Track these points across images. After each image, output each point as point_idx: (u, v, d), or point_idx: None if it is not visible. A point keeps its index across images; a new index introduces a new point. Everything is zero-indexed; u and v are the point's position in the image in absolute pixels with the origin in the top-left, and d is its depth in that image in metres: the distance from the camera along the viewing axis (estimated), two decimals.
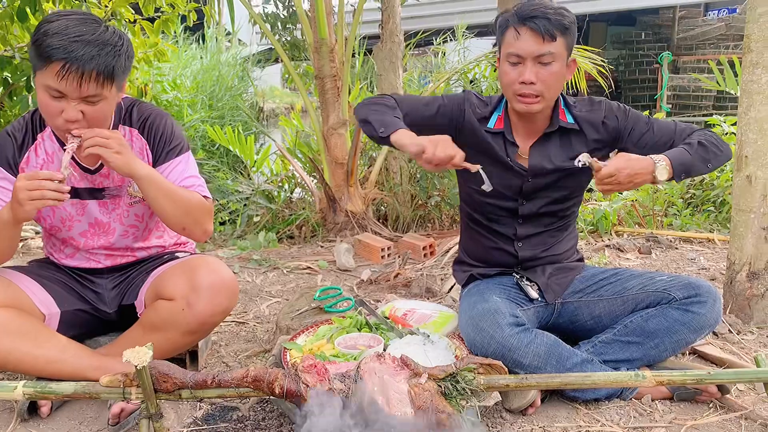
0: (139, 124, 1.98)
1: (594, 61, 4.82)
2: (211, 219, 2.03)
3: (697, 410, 1.90)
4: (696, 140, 1.94)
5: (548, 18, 1.90)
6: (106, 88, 1.74)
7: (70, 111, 1.72)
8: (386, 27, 4.73)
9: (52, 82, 1.68)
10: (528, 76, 1.93)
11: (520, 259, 2.16)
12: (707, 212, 4.57)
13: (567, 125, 2.07)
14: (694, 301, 1.95)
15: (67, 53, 1.65)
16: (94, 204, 1.99)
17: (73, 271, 2.09)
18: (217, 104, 7.56)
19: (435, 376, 1.52)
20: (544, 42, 1.91)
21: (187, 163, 2.02)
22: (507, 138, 2.09)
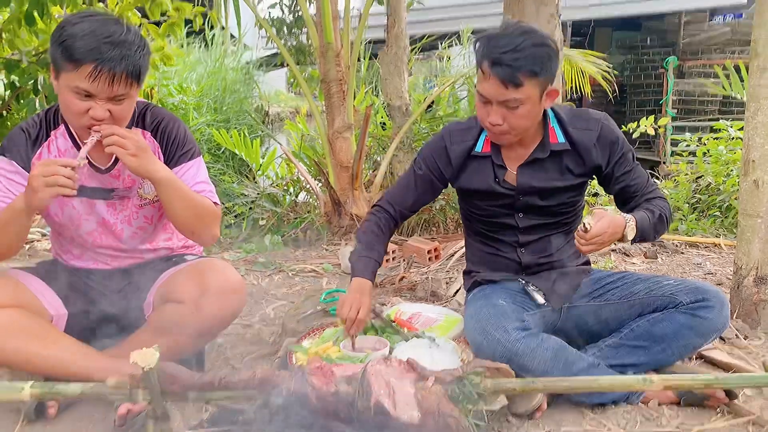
0: (152, 128, 1.99)
1: (599, 66, 4.83)
2: (219, 224, 2.04)
3: (704, 415, 1.89)
4: (658, 211, 1.97)
5: (511, 66, 1.80)
6: (133, 88, 1.77)
7: (98, 110, 1.73)
8: (392, 31, 4.74)
9: (83, 84, 1.69)
10: (493, 118, 1.90)
11: (524, 265, 2.15)
12: (713, 217, 4.56)
13: (557, 147, 2.04)
14: (702, 306, 1.94)
15: (99, 55, 1.67)
16: (102, 204, 1.99)
17: (80, 273, 2.09)
18: (222, 108, 7.57)
19: (442, 379, 1.52)
20: (508, 89, 1.84)
21: (199, 168, 2.03)
22: (495, 161, 2.07)
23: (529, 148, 2.05)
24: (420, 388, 1.50)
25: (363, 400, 1.47)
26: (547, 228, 2.12)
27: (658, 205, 2.00)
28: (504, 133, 1.95)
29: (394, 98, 4.76)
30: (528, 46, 1.83)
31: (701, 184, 4.96)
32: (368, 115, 4.34)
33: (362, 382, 1.50)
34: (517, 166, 2.07)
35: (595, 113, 2.09)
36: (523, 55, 1.81)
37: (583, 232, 1.80)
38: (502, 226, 2.14)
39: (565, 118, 2.06)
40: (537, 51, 1.83)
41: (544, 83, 1.89)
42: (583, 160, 2.05)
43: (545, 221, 2.11)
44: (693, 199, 4.88)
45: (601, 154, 2.05)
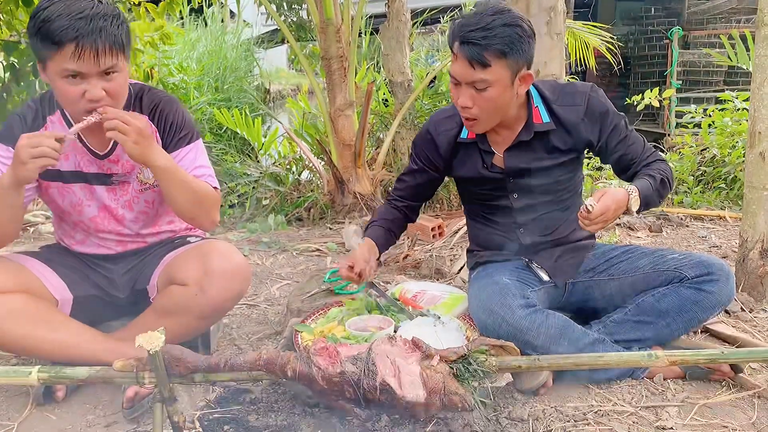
0: (149, 111, 1.96)
1: (602, 38, 4.78)
2: (218, 209, 2.03)
3: (709, 389, 1.90)
4: (659, 175, 1.93)
5: (480, 44, 1.76)
6: (120, 60, 1.73)
7: (92, 90, 1.71)
8: (392, 6, 4.69)
9: (69, 64, 1.67)
10: (462, 100, 1.86)
11: (524, 245, 2.13)
12: (718, 189, 4.54)
13: (542, 128, 1.99)
14: (707, 280, 1.93)
15: (76, 32, 1.64)
16: (102, 189, 1.98)
17: (84, 257, 2.09)
18: (223, 87, 7.53)
19: (447, 358, 1.52)
20: (475, 70, 1.79)
21: (198, 151, 2.01)
22: (481, 147, 2.05)
23: (515, 130, 2.01)
24: (425, 366, 1.50)
25: (368, 379, 1.47)
26: (543, 206, 2.09)
27: (659, 169, 1.96)
28: (473, 120, 1.90)
29: (396, 74, 4.72)
30: (497, 26, 1.78)
31: (706, 156, 4.93)
32: (370, 92, 4.30)
33: (367, 362, 1.50)
34: (503, 149, 2.04)
35: (582, 86, 2.03)
36: (491, 34, 1.76)
37: (586, 213, 1.77)
38: (498, 208, 2.13)
39: (550, 96, 2.00)
40: (506, 30, 1.78)
41: (515, 66, 1.82)
42: (572, 136, 2.01)
43: (541, 200, 2.08)
44: (698, 172, 4.85)
45: (591, 127, 2.00)
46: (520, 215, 2.11)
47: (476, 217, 2.23)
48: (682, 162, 4.96)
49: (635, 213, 1.88)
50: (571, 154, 2.05)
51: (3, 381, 1.60)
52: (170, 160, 1.85)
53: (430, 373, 1.49)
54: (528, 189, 2.06)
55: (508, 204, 2.10)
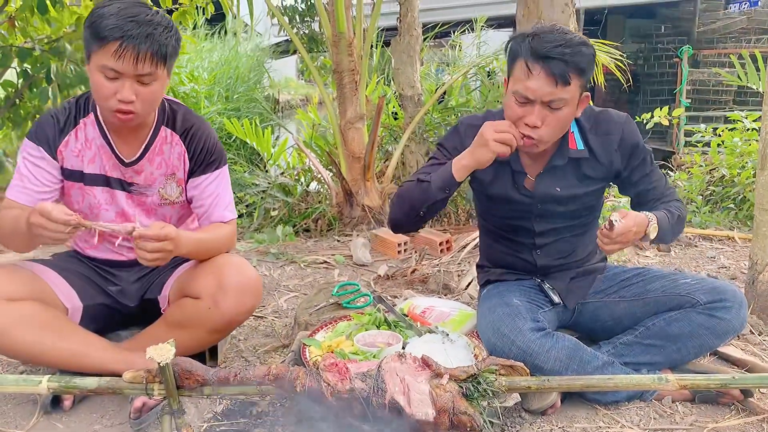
0: (182, 132, 2.01)
1: (612, 55, 4.77)
2: (235, 237, 2.12)
3: (718, 412, 1.88)
4: (677, 213, 1.94)
5: (565, 60, 1.73)
6: (159, 68, 1.79)
7: (125, 91, 1.76)
8: (404, 20, 4.71)
9: (109, 62, 1.73)
10: (533, 120, 1.79)
11: (539, 266, 2.12)
12: (727, 209, 4.52)
13: (576, 154, 1.97)
14: (719, 306, 1.92)
15: (123, 32, 1.71)
16: (123, 195, 2.01)
17: (96, 265, 2.10)
18: (233, 96, 7.57)
19: (456, 377, 1.52)
20: (557, 87, 1.75)
21: (222, 178, 2.08)
22: (514, 167, 2.01)
23: (548, 154, 1.99)
24: (435, 385, 1.50)
25: (378, 397, 1.47)
26: (563, 230, 2.07)
27: (676, 206, 1.97)
28: (535, 140, 1.83)
29: (406, 88, 4.73)
30: (576, 44, 1.76)
31: (715, 175, 4.91)
32: (381, 106, 4.32)
33: (377, 380, 1.50)
34: (535, 173, 2.01)
35: (617, 115, 2.01)
36: (573, 52, 1.74)
37: (608, 231, 1.75)
38: (517, 229, 2.10)
39: (586, 124, 1.99)
40: (584, 49, 1.77)
41: (583, 86, 1.82)
42: (603, 166, 1.99)
43: (562, 225, 2.06)
44: (707, 191, 4.83)
45: (621, 158, 1.99)
46: (539, 238, 2.09)
47: (492, 234, 2.20)
48: (691, 181, 4.95)
49: (650, 241, 1.87)
50: (601, 183, 2.03)
51: (13, 389, 1.61)
52: (190, 245, 1.90)
53: (439, 392, 1.49)
54: (553, 214, 2.03)
55: (530, 226, 2.07)
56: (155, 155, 1.99)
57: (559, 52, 1.73)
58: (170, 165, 2.02)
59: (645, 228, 1.82)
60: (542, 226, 2.07)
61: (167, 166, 2.01)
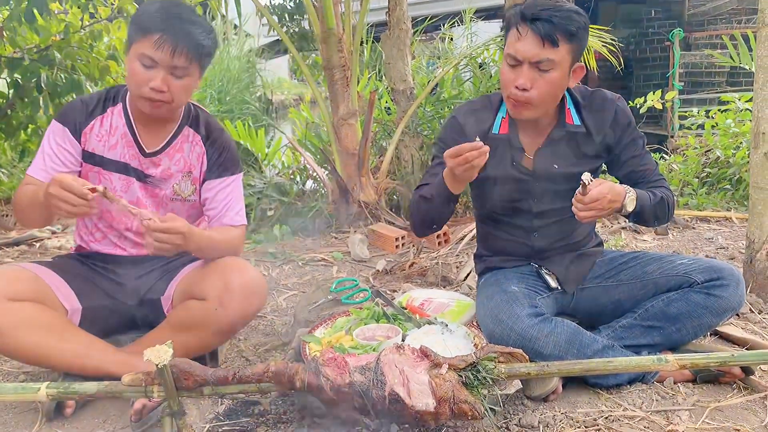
0: (204, 134, 2.10)
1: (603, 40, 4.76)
2: (243, 242, 2.18)
3: (720, 392, 1.89)
4: (660, 194, 1.95)
5: (552, 21, 1.78)
6: (192, 65, 1.90)
7: (158, 80, 1.86)
8: (393, 14, 4.69)
9: (148, 51, 1.84)
10: (522, 81, 1.84)
11: (536, 249, 2.13)
12: (723, 190, 4.52)
13: (573, 128, 2.00)
14: (716, 285, 1.93)
15: (165, 26, 1.84)
16: (138, 185, 2.05)
17: (96, 263, 2.11)
18: (225, 98, 7.55)
19: (455, 366, 1.52)
20: (544, 47, 1.80)
21: (235, 185, 2.15)
22: (513, 143, 2.02)
23: (546, 130, 2.02)
24: (434, 375, 1.50)
25: (377, 389, 1.47)
26: (561, 212, 2.07)
27: (663, 191, 1.98)
28: (527, 103, 1.87)
29: (397, 82, 4.72)
30: (566, 9, 1.82)
31: (710, 157, 4.91)
32: (372, 101, 4.31)
33: (376, 372, 1.50)
34: (533, 150, 2.03)
35: (611, 94, 2.06)
36: (564, 15, 1.80)
37: (581, 196, 1.77)
38: (516, 211, 2.10)
39: (581, 100, 2.02)
40: (575, 16, 1.82)
41: (576, 52, 1.86)
42: (598, 142, 2.02)
43: (560, 205, 2.06)
44: (702, 173, 4.83)
45: (613, 134, 2.02)
46: (537, 220, 2.09)
47: (489, 220, 2.19)
48: (687, 164, 4.95)
49: (628, 215, 1.88)
50: (596, 161, 2.05)
51: (12, 398, 1.61)
52: (201, 242, 1.94)
53: (439, 382, 1.48)
54: (551, 194, 2.04)
55: (528, 207, 2.08)
56: (175, 151, 2.07)
57: (547, 14, 1.79)
58: (188, 163, 2.09)
59: (622, 198, 1.83)
60: (540, 206, 2.07)
61: (185, 163, 2.08)
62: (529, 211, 2.08)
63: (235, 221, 2.11)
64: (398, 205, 4.80)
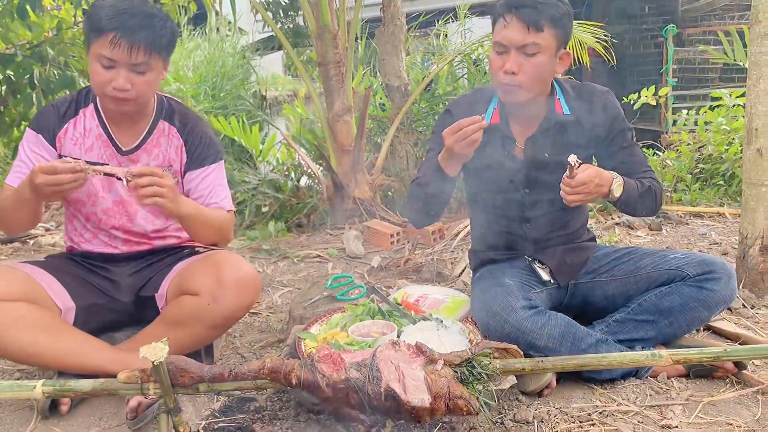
0: (179, 125, 2.08)
1: (597, 36, 4.77)
2: (233, 229, 2.15)
3: (713, 386, 1.90)
4: (648, 183, 1.99)
5: (536, 8, 1.85)
6: (153, 58, 1.86)
7: (120, 79, 1.84)
8: (387, 10, 4.69)
9: (105, 51, 1.81)
10: (510, 65, 1.89)
11: (531, 239, 2.14)
12: (717, 186, 4.54)
13: (563, 118, 2.03)
14: (708, 278, 1.95)
15: (119, 23, 1.79)
16: (120, 183, 2.03)
17: (89, 262, 2.11)
18: (219, 94, 7.52)
19: (450, 362, 1.52)
20: (528, 32, 1.86)
21: (218, 172, 2.12)
22: (504, 132, 2.05)
23: (536, 120, 2.05)
24: (429, 371, 1.50)
25: (373, 385, 1.47)
26: (552, 203, 2.09)
27: (650, 182, 2.01)
28: (517, 86, 1.91)
29: (392, 78, 4.72)
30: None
31: (704, 153, 4.93)
32: (367, 97, 4.31)
33: (372, 368, 1.50)
34: (523, 139, 2.06)
35: (599, 87, 2.11)
36: (547, 3, 1.87)
37: (568, 179, 1.80)
38: (508, 202, 2.11)
39: (570, 92, 2.06)
40: (558, 3, 1.89)
41: (561, 38, 1.91)
42: (588, 132, 2.05)
43: (551, 196, 2.06)
44: (696, 169, 4.85)
45: (602, 126, 2.05)
46: (529, 210, 2.11)
47: (483, 213, 2.20)
48: (680, 160, 4.96)
49: (615, 201, 1.91)
50: (585, 151, 2.07)
51: (7, 395, 1.61)
52: (195, 207, 1.96)
53: (434, 378, 1.49)
54: (541, 184, 2.06)
55: (520, 198, 2.10)
56: (153, 146, 2.05)
57: (530, 1, 1.86)
58: (167, 157, 2.07)
59: (609, 183, 1.86)
60: (532, 196, 2.09)
61: (164, 157, 2.07)
62: (522, 202, 2.10)
63: (222, 207, 2.10)
64: (393, 201, 4.80)
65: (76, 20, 3.87)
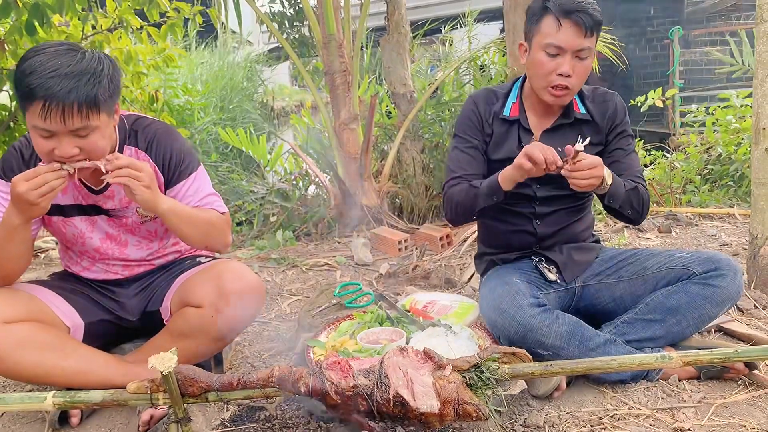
0: (146, 146, 1.95)
1: (604, 39, 4.77)
2: (230, 231, 2.04)
3: (725, 388, 1.88)
4: (635, 184, 2.04)
5: (590, 13, 1.93)
6: (92, 119, 1.67)
7: (63, 147, 1.66)
8: (392, 18, 4.71)
9: (38, 122, 1.63)
10: (566, 68, 1.96)
11: (539, 236, 2.16)
12: (726, 187, 4.52)
13: (580, 116, 2.10)
14: (714, 275, 1.94)
15: (44, 91, 1.59)
16: (104, 219, 1.98)
17: (93, 283, 2.10)
18: (228, 106, 7.58)
19: (459, 367, 1.52)
20: (585, 37, 1.94)
21: (200, 180, 2.00)
22: (522, 125, 2.11)
23: (552, 117, 2.12)
24: (438, 377, 1.50)
25: (382, 392, 1.47)
26: (562, 201, 2.13)
27: (640, 184, 2.06)
28: (567, 88, 1.99)
29: (398, 86, 4.74)
30: (593, 3, 1.98)
31: (712, 154, 4.91)
32: (373, 105, 4.32)
33: (380, 374, 1.50)
34: (539, 131, 2.11)
35: (610, 91, 2.18)
36: (593, 7, 1.96)
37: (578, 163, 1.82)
38: (518, 197, 2.11)
39: (585, 92, 2.14)
40: (598, 6, 1.97)
41: (596, 42, 2.00)
42: (599, 132, 2.12)
43: (562, 193, 2.09)
44: (705, 170, 4.83)
45: (608, 125, 2.12)
46: (540, 206, 2.14)
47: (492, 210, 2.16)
48: (689, 161, 4.94)
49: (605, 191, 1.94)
50: (596, 149, 2.11)
51: (18, 407, 1.61)
52: (174, 202, 1.85)
53: (443, 384, 1.49)
54: (553, 180, 2.06)
55: (531, 193, 2.12)
56: None
57: (584, 6, 1.94)
58: None
59: (603, 170, 1.89)
60: (543, 192, 2.11)
61: None
62: (533, 196, 2.12)
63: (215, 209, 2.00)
64: (400, 208, 4.81)
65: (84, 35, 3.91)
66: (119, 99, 1.79)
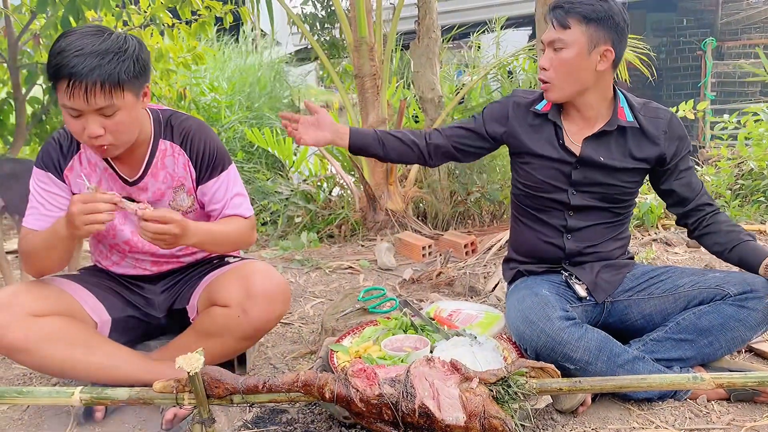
0: (181, 140, 1.98)
1: (634, 49, 4.71)
2: (255, 232, 2.10)
3: (756, 411, 1.84)
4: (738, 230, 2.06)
5: (563, 8, 1.93)
6: (116, 97, 1.70)
7: (90, 127, 1.71)
8: (423, 23, 4.70)
9: (65, 101, 1.68)
10: (542, 62, 2.00)
11: (567, 252, 2.11)
12: (757, 203, 4.44)
13: (626, 124, 2.03)
14: (750, 297, 1.89)
15: (69, 69, 1.64)
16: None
17: (121, 278, 2.12)
18: (254, 105, 7.62)
19: (486, 380, 1.50)
20: (556, 30, 1.94)
21: (231, 179, 2.05)
22: (555, 121, 2.07)
23: (597, 124, 2.05)
24: (464, 389, 1.49)
25: (407, 402, 1.46)
26: (596, 214, 2.08)
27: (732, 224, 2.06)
28: (547, 82, 1.99)
29: (426, 91, 4.72)
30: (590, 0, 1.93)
31: (744, 169, 4.83)
32: (402, 109, 4.32)
33: (406, 384, 1.49)
34: (581, 138, 2.05)
35: (663, 107, 2.11)
36: (578, 2, 1.92)
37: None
38: (552, 203, 2.09)
39: (635, 104, 2.08)
40: (594, 3, 1.92)
41: (594, 36, 1.92)
42: (649, 145, 2.04)
43: (597, 204, 2.06)
44: (735, 185, 4.75)
45: (668, 144, 2.04)
46: (572, 219, 2.09)
47: (524, 217, 2.19)
48: (719, 175, 4.86)
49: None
50: (642, 164, 2.05)
51: (47, 401, 1.63)
52: (201, 234, 1.88)
53: (469, 396, 1.47)
54: (589, 186, 2.05)
55: (565, 199, 2.07)
56: (158, 170, 1.97)
57: (563, 2, 1.94)
58: (176, 177, 2.00)
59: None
60: (577, 200, 2.07)
61: (173, 178, 1.99)
62: (566, 204, 2.08)
63: (240, 213, 2.04)
64: (425, 213, 4.79)
65: None
66: (148, 81, 1.82)
